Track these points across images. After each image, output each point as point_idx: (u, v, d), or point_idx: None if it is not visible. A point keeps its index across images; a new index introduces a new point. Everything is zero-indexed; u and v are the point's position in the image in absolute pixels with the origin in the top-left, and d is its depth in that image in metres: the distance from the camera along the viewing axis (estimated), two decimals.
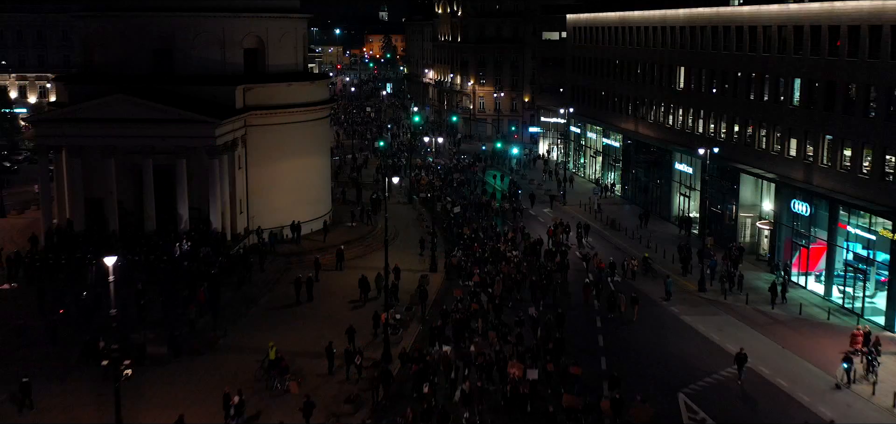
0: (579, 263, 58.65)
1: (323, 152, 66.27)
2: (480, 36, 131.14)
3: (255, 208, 60.32)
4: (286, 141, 61.22)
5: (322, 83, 66.16)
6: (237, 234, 58.25)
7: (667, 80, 74.26)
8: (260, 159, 60.24)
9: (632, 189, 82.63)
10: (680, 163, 71.49)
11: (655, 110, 76.94)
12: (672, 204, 73.67)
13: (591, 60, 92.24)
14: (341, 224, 67.55)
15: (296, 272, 55.25)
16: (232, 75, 59.47)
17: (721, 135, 65.44)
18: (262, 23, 60.85)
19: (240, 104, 58.25)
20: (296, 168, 62.07)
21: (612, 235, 69.05)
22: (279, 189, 61.27)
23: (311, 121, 63.31)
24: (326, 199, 67.28)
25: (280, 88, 60.79)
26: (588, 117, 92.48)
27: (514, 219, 72.04)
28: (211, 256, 51.95)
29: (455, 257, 55.66)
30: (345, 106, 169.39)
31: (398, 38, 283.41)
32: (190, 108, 54.12)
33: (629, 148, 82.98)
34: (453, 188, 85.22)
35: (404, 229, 70.13)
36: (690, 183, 70.30)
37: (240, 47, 60.26)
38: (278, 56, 62.08)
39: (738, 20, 62.08)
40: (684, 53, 70.64)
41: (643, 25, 78.38)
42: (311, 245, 61.15)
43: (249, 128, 59.50)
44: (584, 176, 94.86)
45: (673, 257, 60.77)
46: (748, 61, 60.83)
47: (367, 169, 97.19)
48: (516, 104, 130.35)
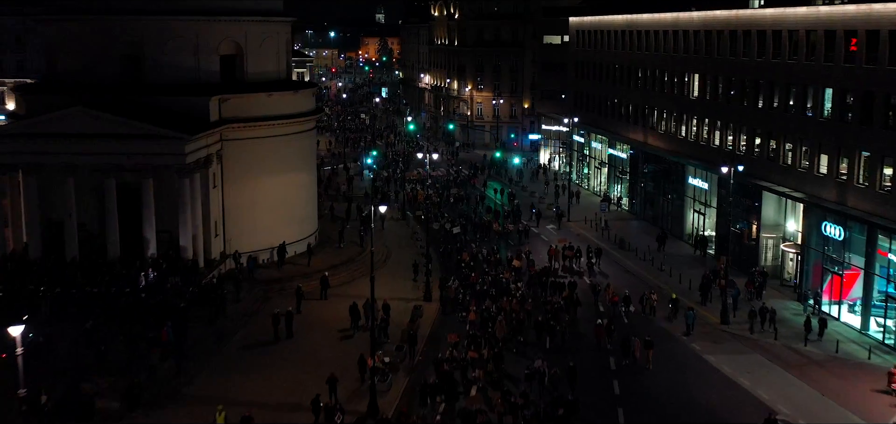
0: (589, 292, 53.26)
1: (308, 168, 61.03)
2: (478, 39, 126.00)
3: (233, 230, 55.09)
4: (267, 156, 56.01)
5: (307, 92, 60.84)
6: (212, 259, 52.98)
7: (679, 88, 69.11)
8: (238, 176, 55.02)
9: (640, 203, 77.45)
10: (694, 178, 66.31)
11: (666, 120, 71.80)
12: (685, 221, 68.46)
13: (596, 66, 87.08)
14: (329, 245, 62.28)
15: (276, 302, 50.17)
16: (207, 84, 54.25)
17: (740, 148, 60.31)
18: (240, 27, 55.61)
19: (215, 116, 53.01)
20: (278, 186, 56.85)
21: (623, 256, 63.73)
22: (259, 209, 56.05)
23: (295, 134, 58.07)
24: (312, 218, 62.02)
25: (260, 98, 55.56)
26: (592, 126, 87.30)
27: (518, 240, 66.28)
28: (180, 286, 46.71)
29: (452, 287, 50.19)
30: (339, 112, 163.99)
31: (394, 42, 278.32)
32: (158, 121, 48.87)
33: (637, 159, 77.81)
34: (451, 205, 79.55)
35: (397, 248, 64.93)
36: (706, 199, 65.11)
37: (216, 54, 55.03)
38: (258, 63, 56.84)
39: (760, 24, 56.95)
40: (699, 58, 65.48)
41: (653, 29, 73.24)
42: (293, 271, 55.90)
43: (226, 142, 54.26)
44: (588, 188, 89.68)
45: (690, 283, 55.59)
46: (771, 69, 55.69)
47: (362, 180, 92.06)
48: (516, 110, 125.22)
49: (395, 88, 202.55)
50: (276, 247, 56.14)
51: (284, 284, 53.66)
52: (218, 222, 54.03)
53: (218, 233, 53.95)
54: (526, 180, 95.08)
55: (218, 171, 53.94)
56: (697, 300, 52.75)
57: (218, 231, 53.97)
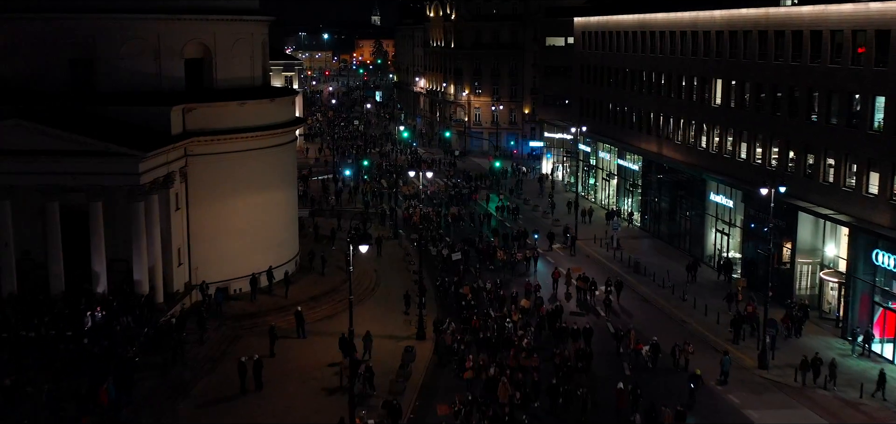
0: (608, 334, 46.43)
1: (288, 185, 54.35)
2: (476, 41, 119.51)
3: (199, 257, 48.46)
4: (239, 173, 49.41)
5: (286, 100, 54.07)
6: (174, 292, 46.34)
7: (699, 94, 62.64)
8: (205, 196, 48.39)
9: (653, 220, 70.96)
10: (717, 194, 59.81)
11: (684, 129, 65.32)
12: (706, 242, 61.99)
13: (604, 70, 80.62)
14: (311, 271, 55.63)
15: (248, 342, 43.78)
16: (169, 92, 47.66)
17: (770, 163, 53.90)
18: (207, 27, 49.00)
19: (178, 128, 46.41)
20: (252, 206, 50.25)
21: (638, 282, 57.13)
22: (230, 233, 49.45)
23: (272, 147, 51.42)
24: (292, 241, 55.35)
25: (230, 107, 48.94)
26: (600, 134, 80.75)
27: (526, 268, 58.77)
28: (132, 328, 40.07)
29: (448, 332, 43.19)
30: (331, 118, 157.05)
31: (390, 44, 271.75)
32: (110, 135, 42.21)
33: (650, 171, 71.34)
34: (449, 224, 71.85)
35: (387, 272, 58.34)
36: (730, 219, 58.63)
37: (180, 57, 48.43)
38: (230, 68, 50.27)
39: (796, 23, 50.52)
40: (722, 62, 59.05)
41: (668, 30, 66.77)
42: (269, 303, 49.29)
43: (191, 158, 47.62)
44: (594, 201, 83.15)
45: (718, 317, 49.12)
46: (810, 74, 49.30)
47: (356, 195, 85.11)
48: (515, 116, 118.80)
49: (389, 92, 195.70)
50: (254, 274, 49.50)
51: (258, 319, 47.12)
52: (182, 249, 47.41)
53: (182, 262, 47.32)
54: (526, 192, 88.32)
55: (182, 191, 47.31)
56: (728, 336, 46.34)
57: (182, 259, 47.35)
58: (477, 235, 66.69)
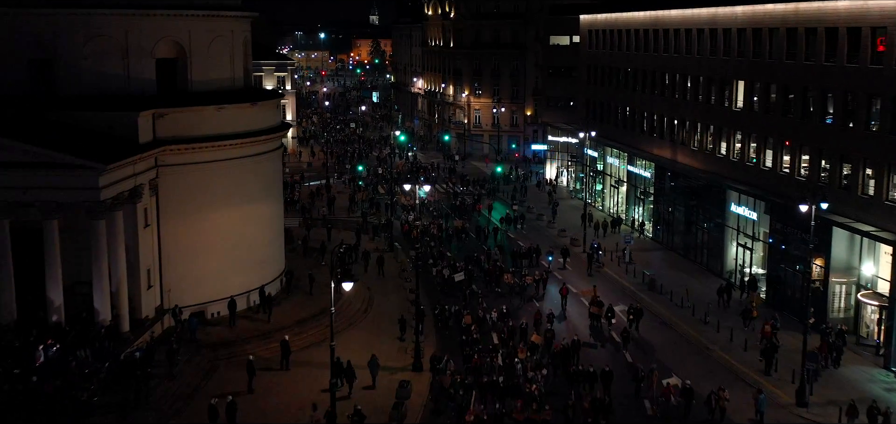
0: (623, 363, 41.79)
1: (272, 197, 49.63)
2: (476, 41, 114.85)
3: (172, 278, 43.78)
4: (217, 185, 44.76)
5: (269, 104, 49.26)
6: (142, 319, 41.63)
7: (718, 96, 58.03)
8: (179, 210, 43.71)
9: (666, 231, 66.28)
10: (738, 204, 55.17)
11: (701, 134, 60.70)
12: (725, 256, 57.32)
13: (612, 70, 76.01)
14: (298, 291, 50.93)
15: (225, 375, 39.30)
16: (139, 96, 43.00)
17: (800, 172, 49.30)
18: (181, 23, 44.33)
19: (147, 136, 41.74)
20: (232, 221, 45.60)
21: (653, 302, 52.47)
22: (207, 251, 44.77)
23: (255, 156, 46.76)
24: (277, 258, 50.63)
25: (207, 112, 44.24)
26: (608, 138, 76.04)
27: (536, 291, 53.10)
28: (90, 363, 35.40)
29: (447, 373, 38.16)
30: (327, 120, 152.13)
31: (388, 44, 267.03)
32: (65, 145, 37.51)
33: (663, 179, 66.70)
34: (450, 238, 66.07)
35: (381, 292, 53.62)
36: (753, 232, 54.00)
37: (150, 57, 43.73)
38: (206, 69, 45.58)
39: (830, 19, 45.93)
40: (745, 62, 54.43)
41: (684, 28, 62.17)
42: (250, 329, 44.62)
43: (163, 169, 42.95)
44: (602, 209, 78.47)
45: (746, 343, 44.51)
46: (845, 76, 44.72)
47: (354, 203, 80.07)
48: (517, 118, 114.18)
49: (386, 93, 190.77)
50: (233, 297, 44.86)
51: (237, 348, 42.49)
52: (152, 270, 42.72)
53: (152, 284, 42.63)
54: (530, 199, 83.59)
55: (152, 205, 42.63)
56: (758, 365, 41.73)
57: (152, 282, 42.66)
58: (482, 252, 60.76)
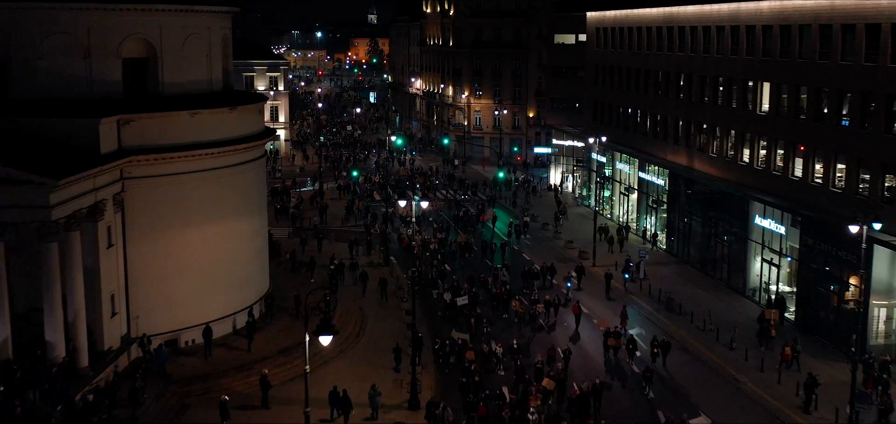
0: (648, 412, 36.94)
1: (254, 210, 45.07)
2: (476, 40, 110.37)
3: (140, 304, 39.27)
4: (192, 199, 40.28)
5: (250, 109, 44.54)
6: (105, 351, 37.11)
7: (741, 99, 53.60)
8: (148, 228, 39.21)
9: (681, 242, 61.78)
10: (764, 217, 50.70)
11: (722, 140, 56.23)
12: (748, 272, 52.86)
13: (622, 71, 71.53)
14: (283, 314, 46.43)
15: (197, 414, 34.79)
16: (103, 100, 38.51)
17: (835, 183, 44.87)
18: (151, 19, 39.80)
19: (111, 145, 37.22)
20: (208, 239, 41.12)
21: (671, 322, 48.02)
22: (180, 273, 40.26)
23: (234, 166, 42.25)
24: (259, 277, 46.08)
25: (179, 118, 39.72)
26: (617, 143, 71.50)
27: (548, 319, 47.11)
28: (38, 407, 30.91)
29: (446, 420, 33.47)
30: (324, 122, 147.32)
31: (386, 43, 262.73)
32: (11, 157, 32.94)
33: (678, 187, 62.23)
34: (452, 254, 60.48)
35: (375, 314, 49.08)
36: (781, 247, 49.54)
37: (116, 56, 39.22)
38: (180, 70, 41.06)
39: (871, 15, 41.45)
40: (771, 62, 49.98)
41: (702, 25, 57.70)
42: (227, 359, 40.11)
43: (130, 182, 38.44)
44: (610, 218, 73.97)
45: (779, 376, 40.06)
46: (888, 78, 40.29)
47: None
48: (519, 120, 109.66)
49: (384, 93, 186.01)
50: (208, 324, 40.39)
51: (212, 382, 38.00)
52: (117, 295, 38.17)
53: (117, 311, 38.08)
54: (534, 206, 79.07)
55: (117, 223, 38.09)
56: (796, 401, 37.30)
57: (117, 308, 38.11)
58: (488, 270, 55.39)
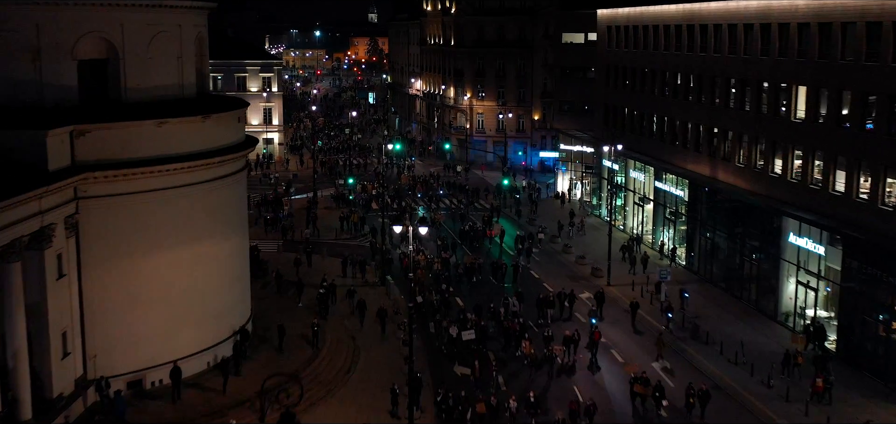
0: None
1: (233, 231, 40.07)
2: (478, 39, 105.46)
3: (99, 341, 34.40)
4: (159, 220, 35.41)
5: (228, 117, 39.32)
6: (55, 398, 32.20)
7: (772, 104, 48.72)
8: (108, 254, 34.31)
9: (703, 259, 56.82)
10: (799, 235, 45.80)
11: (750, 149, 51.30)
12: (781, 295, 47.99)
13: (637, 72, 66.69)
14: (266, 345, 41.53)
15: None
16: (55, 108, 33.64)
17: (885, 200, 39.97)
18: (112, 15, 34.91)
19: (62, 161, 32.34)
20: (178, 265, 36.23)
21: (697, 353, 43.10)
22: (145, 305, 35.39)
23: (209, 182, 37.33)
24: (239, 306, 41.07)
25: (144, 128, 34.81)
26: (631, 150, 66.51)
27: (567, 358, 41.24)
28: None
29: None
30: (321, 125, 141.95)
31: (385, 42, 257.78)
32: None
33: (699, 199, 57.33)
34: (458, 275, 54.77)
35: (370, 344, 44.10)
36: (819, 269, 44.64)
37: (70, 58, 34.37)
38: (146, 73, 36.16)
39: None
40: (807, 64, 45.10)
41: (727, 23, 52.83)
42: (197, 404, 35.19)
43: (87, 202, 33.55)
44: (623, 229, 69.02)
45: (807, 408, 35.21)
46: None
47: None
48: (523, 123, 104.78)
49: (383, 93, 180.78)
50: (176, 363, 35.51)
51: None
52: (71, 332, 33.29)
53: (70, 351, 33.19)
54: (541, 217, 74.08)
55: (70, 249, 33.19)
56: None
57: (70, 347, 33.22)
58: (499, 297, 49.42)
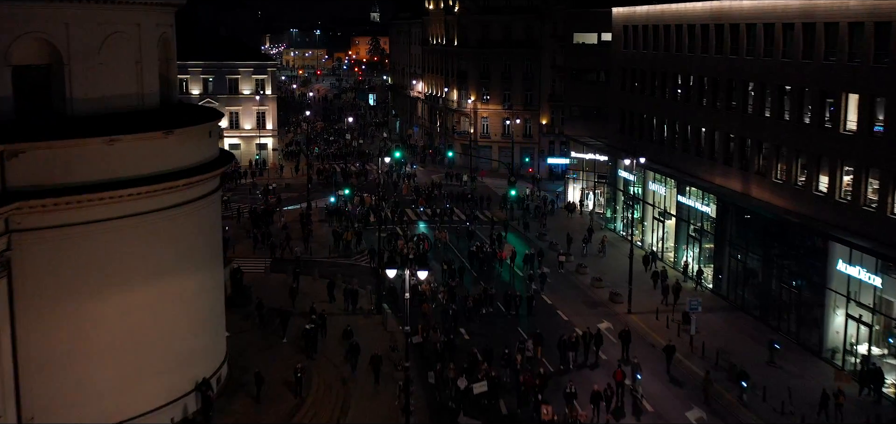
0: None
1: (202, 263, 34.53)
2: (483, 39, 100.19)
3: (38, 399, 29.00)
4: (113, 255, 30.03)
5: (197, 131, 33.81)
6: None
7: (817, 114, 43.32)
8: (48, 296, 28.89)
9: (732, 283, 51.42)
10: (850, 264, 40.38)
11: (789, 163, 45.91)
12: (826, 329, 42.59)
13: (656, 76, 61.38)
14: (242, 391, 36.18)
15: None
16: None
17: None
18: (54, 12, 29.55)
19: None
20: (135, 307, 30.84)
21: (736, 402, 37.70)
22: (97, 355, 29.99)
23: (174, 208, 31.96)
24: (211, 349, 35.67)
25: (93, 147, 29.40)
26: (650, 160, 61.01)
27: (596, 416, 34.70)
28: None
29: None
30: (320, 130, 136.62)
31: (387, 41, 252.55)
32: None
33: (728, 217, 51.93)
34: (466, 310, 47.50)
35: (362, 393, 38.49)
36: (874, 302, 39.25)
37: (4, 64, 29.01)
38: (96, 81, 30.77)
39: None
40: (860, 69, 39.72)
41: (762, 22, 47.47)
42: None
43: (22, 236, 28.17)
44: (640, 245, 63.53)
45: None
46: None
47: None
48: (530, 127, 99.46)
49: (383, 94, 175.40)
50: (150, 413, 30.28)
51: None
52: (1, 390, 27.89)
53: (1, 413, 27.81)
54: (551, 231, 68.71)
55: (1, 291, 27.81)
56: None
57: (2, 409, 27.84)
58: (513, 337, 43.21)
